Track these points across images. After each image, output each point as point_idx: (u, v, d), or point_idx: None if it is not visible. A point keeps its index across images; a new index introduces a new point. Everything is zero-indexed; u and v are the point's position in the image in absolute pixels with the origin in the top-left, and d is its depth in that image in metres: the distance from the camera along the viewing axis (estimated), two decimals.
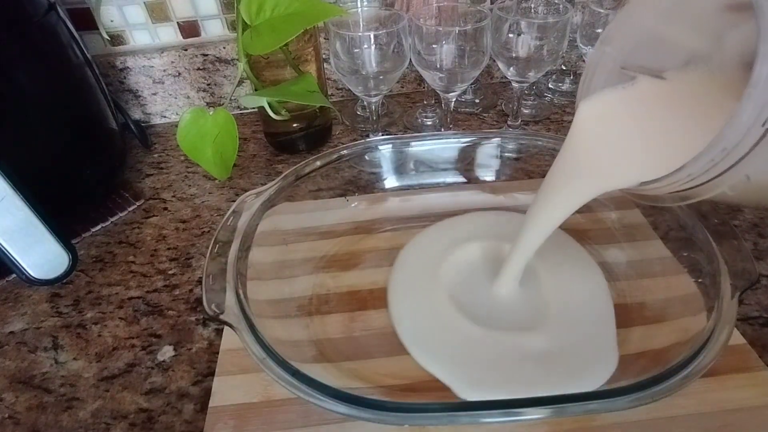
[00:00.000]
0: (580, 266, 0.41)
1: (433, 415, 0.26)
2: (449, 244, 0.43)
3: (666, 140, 0.26)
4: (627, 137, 0.28)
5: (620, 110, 0.28)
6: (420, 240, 0.45)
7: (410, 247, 0.44)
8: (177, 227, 0.50)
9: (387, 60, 0.49)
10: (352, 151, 0.46)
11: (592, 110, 0.29)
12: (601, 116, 0.29)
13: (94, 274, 0.46)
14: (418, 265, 0.42)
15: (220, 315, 0.31)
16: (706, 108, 0.26)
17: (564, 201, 0.31)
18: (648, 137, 0.27)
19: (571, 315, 0.37)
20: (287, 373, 0.28)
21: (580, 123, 0.29)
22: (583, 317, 0.37)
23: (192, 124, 0.49)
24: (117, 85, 0.63)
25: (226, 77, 0.65)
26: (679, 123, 0.26)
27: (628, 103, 0.28)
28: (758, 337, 0.36)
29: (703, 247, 0.35)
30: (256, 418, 0.32)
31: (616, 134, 0.28)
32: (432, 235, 0.45)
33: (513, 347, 0.35)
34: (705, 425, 0.30)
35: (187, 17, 0.62)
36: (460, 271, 0.41)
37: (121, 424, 0.34)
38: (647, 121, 0.27)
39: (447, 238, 0.44)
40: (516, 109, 0.58)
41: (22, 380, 0.37)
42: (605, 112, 0.28)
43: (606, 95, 0.28)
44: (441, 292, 0.39)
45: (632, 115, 0.28)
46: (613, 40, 0.29)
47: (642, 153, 0.27)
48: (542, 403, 0.26)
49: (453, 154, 0.49)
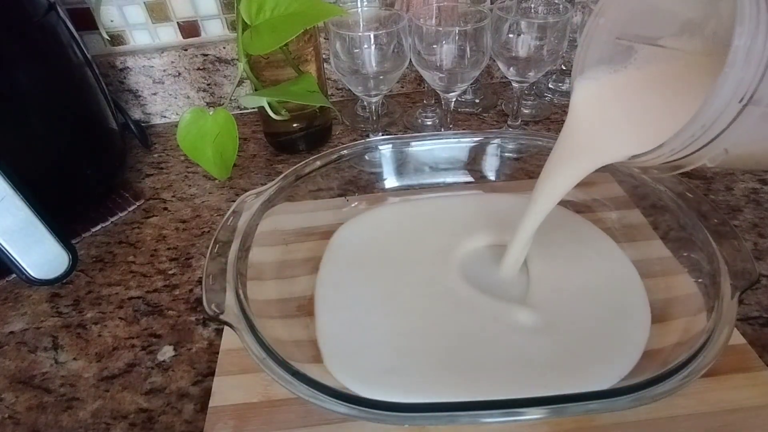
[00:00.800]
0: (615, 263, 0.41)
1: (433, 415, 0.26)
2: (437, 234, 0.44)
3: (654, 117, 0.28)
4: (618, 116, 0.30)
5: (612, 92, 0.30)
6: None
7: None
8: (177, 227, 0.50)
9: (387, 60, 0.49)
10: (352, 151, 0.46)
11: (586, 92, 0.31)
12: (594, 98, 0.31)
13: (94, 274, 0.46)
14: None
15: (220, 315, 0.31)
16: (693, 82, 0.27)
17: (566, 174, 0.33)
18: (637, 115, 0.29)
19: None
20: (287, 373, 0.28)
21: (576, 105, 0.31)
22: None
23: (192, 124, 0.49)
24: (117, 85, 0.63)
25: (226, 77, 0.65)
26: (666, 101, 0.28)
27: (619, 85, 0.30)
28: (758, 337, 0.36)
29: (703, 247, 0.35)
30: (256, 418, 0.32)
31: (608, 114, 0.30)
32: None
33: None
34: (705, 425, 0.30)
35: (187, 17, 0.62)
36: (464, 261, 0.42)
37: (121, 424, 0.34)
38: (637, 101, 0.29)
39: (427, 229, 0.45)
40: (516, 109, 0.58)
41: (22, 380, 0.37)
42: (599, 94, 0.30)
43: (599, 78, 0.30)
44: (454, 276, 0.40)
45: (623, 96, 0.30)
46: (607, 11, 0.30)
47: (632, 129, 0.29)
48: (542, 403, 0.26)
49: (453, 154, 0.49)
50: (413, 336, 0.36)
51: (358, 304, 0.38)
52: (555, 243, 0.41)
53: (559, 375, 0.33)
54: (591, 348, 0.34)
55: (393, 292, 0.39)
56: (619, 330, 0.35)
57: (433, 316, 0.37)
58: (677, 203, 0.38)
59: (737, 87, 0.21)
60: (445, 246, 0.43)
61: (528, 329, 0.35)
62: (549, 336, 0.35)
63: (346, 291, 0.40)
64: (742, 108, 0.21)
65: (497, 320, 0.36)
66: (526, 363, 0.33)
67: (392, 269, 0.41)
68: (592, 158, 0.31)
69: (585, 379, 0.32)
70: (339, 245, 0.44)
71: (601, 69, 0.30)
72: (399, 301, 0.39)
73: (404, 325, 0.37)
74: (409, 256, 0.42)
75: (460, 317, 0.37)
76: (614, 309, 0.37)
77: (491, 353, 0.34)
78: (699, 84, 0.26)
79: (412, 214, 0.47)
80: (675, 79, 0.29)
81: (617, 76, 0.30)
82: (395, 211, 0.48)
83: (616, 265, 0.40)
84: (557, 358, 0.34)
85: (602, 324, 0.36)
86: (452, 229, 0.44)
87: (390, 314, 0.37)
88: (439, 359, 0.34)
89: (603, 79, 0.30)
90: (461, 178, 0.49)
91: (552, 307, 0.37)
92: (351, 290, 0.40)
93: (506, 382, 0.33)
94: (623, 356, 0.33)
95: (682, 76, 0.28)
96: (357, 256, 0.43)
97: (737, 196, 0.49)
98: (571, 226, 0.44)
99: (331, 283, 0.40)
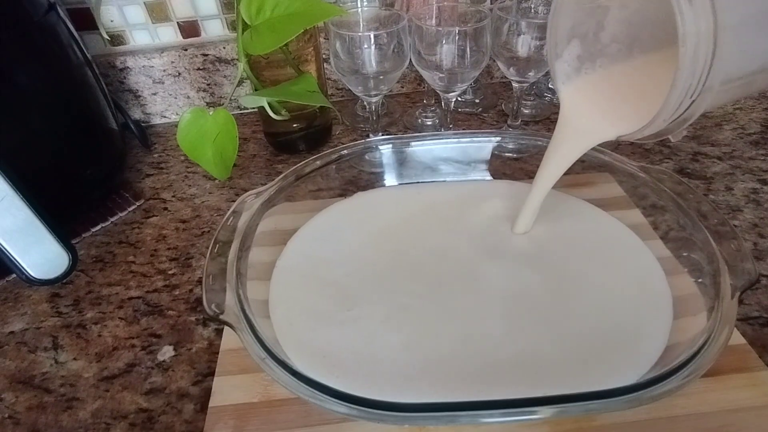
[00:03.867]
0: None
1: (433, 414, 0.26)
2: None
3: (632, 101, 0.33)
4: (602, 105, 0.35)
5: (591, 88, 0.35)
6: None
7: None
8: (177, 227, 0.50)
9: (387, 60, 0.49)
10: (352, 151, 0.46)
11: (572, 94, 0.36)
12: (579, 96, 0.36)
13: (94, 274, 0.46)
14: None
15: (220, 315, 0.31)
16: (657, 69, 0.32)
17: (564, 154, 0.37)
18: (617, 102, 0.34)
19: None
20: (287, 373, 0.28)
21: (564, 103, 0.36)
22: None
23: (192, 124, 0.49)
24: (117, 85, 0.63)
25: (226, 77, 0.65)
26: (639, 87, 0.33)
27: (595, 82, 0.35)
28: (758, 337, 0.36)
29: (703, 247, 0.35)
30: (256, 418, 0.32)
31: (592, 105, 0.35)
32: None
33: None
34: (705, 425, 0.30)
35: (187, 17, 0.62)
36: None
37: (121, 424, 0.34)
38: (614, 91, 0.35)
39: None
40: (516, 109, 0.58)
41: (22, 380, 0.37)
42: (582, 90, 0.36)
43: (578, 82, 0.36)
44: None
45: (601, 90, 0.35)
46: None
47: (615, 114, 0.34)
48: (542, 403, 0.26)
49: (453, 154, 0.49)
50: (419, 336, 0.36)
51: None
52: (576, 236, 0.43)
53: (584, 370, 0.33)
54: (611, 344, 0.34)
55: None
56: (639, 327, 0.35)
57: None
58: (677, 203, 0.38)
59: (687, 90, 0.26)
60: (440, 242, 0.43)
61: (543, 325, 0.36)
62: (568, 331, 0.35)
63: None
64: (690, 102, 0.26)
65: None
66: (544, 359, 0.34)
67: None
68: (584, 141, 0.36)
69: (605, 376, 0.32)
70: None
71: (575, 50, 0.35)
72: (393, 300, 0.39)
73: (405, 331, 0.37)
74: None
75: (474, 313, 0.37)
76: (636, 306, 0.36)
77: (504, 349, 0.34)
78: (664, 67, 0.29)
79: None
80: (640, 69, 0.34)
81: (592, 76, 0.35)
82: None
83: (641, 263, 0.40)
84: (579, 353, 0.34)
85: (622, 320, 0.35)
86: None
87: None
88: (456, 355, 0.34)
89: (579, 81, 0.35)
90: (461, 177, 0.49)
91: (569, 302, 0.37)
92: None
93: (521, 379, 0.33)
94: (642, 355, 0.33)
95: (645, 66, 0.33)
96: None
97: (737, 196, 0.49)
98: (595, 220, 0.45)
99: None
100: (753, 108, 0.61)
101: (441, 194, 0.48)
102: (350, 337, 0.35)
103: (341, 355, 0.34)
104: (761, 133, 0.57)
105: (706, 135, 0.57)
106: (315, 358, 0.33)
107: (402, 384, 0.32)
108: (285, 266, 0.41)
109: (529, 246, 0.42)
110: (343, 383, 0.28)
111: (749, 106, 0.62)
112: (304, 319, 0.36)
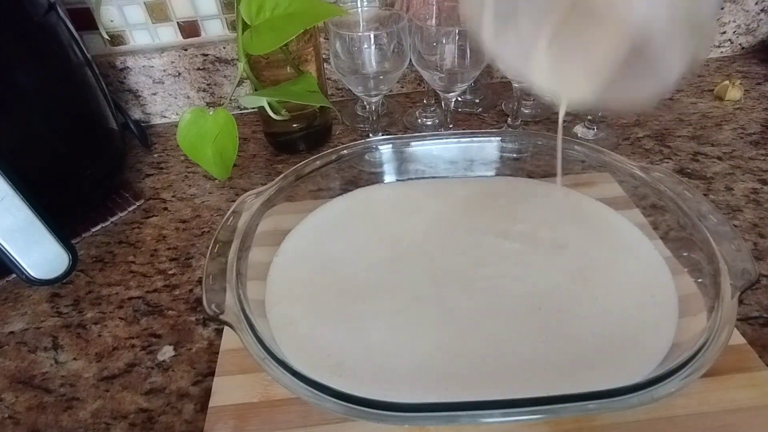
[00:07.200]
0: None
1: (433, 414, 0.26)
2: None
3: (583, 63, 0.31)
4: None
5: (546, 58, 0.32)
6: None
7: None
8: (177, 227, 0.50)
9: (387, 60, 0.49)
10: (352, 151, 0.46)
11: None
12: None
13: (94, 274, 0.46)
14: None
15: (220, 315, 0.31)
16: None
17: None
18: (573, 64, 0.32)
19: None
20: (287, 373, 0.28)
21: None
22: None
23: (192, 124, 0.49)
24: (117, 85, 0.63)
25: (226, 77, 0.65)
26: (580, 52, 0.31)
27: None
28: (758, 337, 0.36)
29: (703, 247, 0.35)
30: (256, 418, 0.32)
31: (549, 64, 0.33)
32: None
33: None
34: (705, 425, 0.30)
35: (187, 17, 0.62)
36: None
37: (121, 424, 0.34)
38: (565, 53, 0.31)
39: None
40: (516, 109, 0.58)
41: (22, 380, 0.37)
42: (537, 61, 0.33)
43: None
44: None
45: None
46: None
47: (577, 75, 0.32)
48: (542, 403, 0.26)
49: (453, 154, 0.49)
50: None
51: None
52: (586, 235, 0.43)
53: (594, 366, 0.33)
54: (618, 342, 0.34)
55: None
56: (644, 327, 0.35)
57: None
58: (677, 203, 0.38)
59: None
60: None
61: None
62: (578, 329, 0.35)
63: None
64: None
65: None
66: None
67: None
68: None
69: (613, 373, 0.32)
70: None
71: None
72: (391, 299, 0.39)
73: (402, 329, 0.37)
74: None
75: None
76: (642, 305, 0.36)
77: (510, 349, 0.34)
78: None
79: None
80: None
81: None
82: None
83: (647, 261, 0.40)
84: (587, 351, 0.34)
85: (628, 320, 0.35)
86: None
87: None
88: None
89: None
90: (461, 178, 0.49)
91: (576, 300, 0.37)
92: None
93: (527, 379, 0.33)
94: (650, 353, 0.33)
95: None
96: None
97: (737, 196, 0.49)
98: (603, 218, 0.44)
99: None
100: (753, 108, 0.61)
101: (441, 192, 0.48)
102: (350, 336, 0.35)
103: (341, 354, 0.34)
104: (761, 133, 0.57)
105: (706, 135, 0.57)
106: (314, 358, 0.33)
107: (402, 384, 0.32)
108: (281, 263, 0.41)
109: (533, 244, 0.42)
110: (343, 383, 0.28)
111: (749, 106, 0.62)
112: (303, 318, 0.36)
